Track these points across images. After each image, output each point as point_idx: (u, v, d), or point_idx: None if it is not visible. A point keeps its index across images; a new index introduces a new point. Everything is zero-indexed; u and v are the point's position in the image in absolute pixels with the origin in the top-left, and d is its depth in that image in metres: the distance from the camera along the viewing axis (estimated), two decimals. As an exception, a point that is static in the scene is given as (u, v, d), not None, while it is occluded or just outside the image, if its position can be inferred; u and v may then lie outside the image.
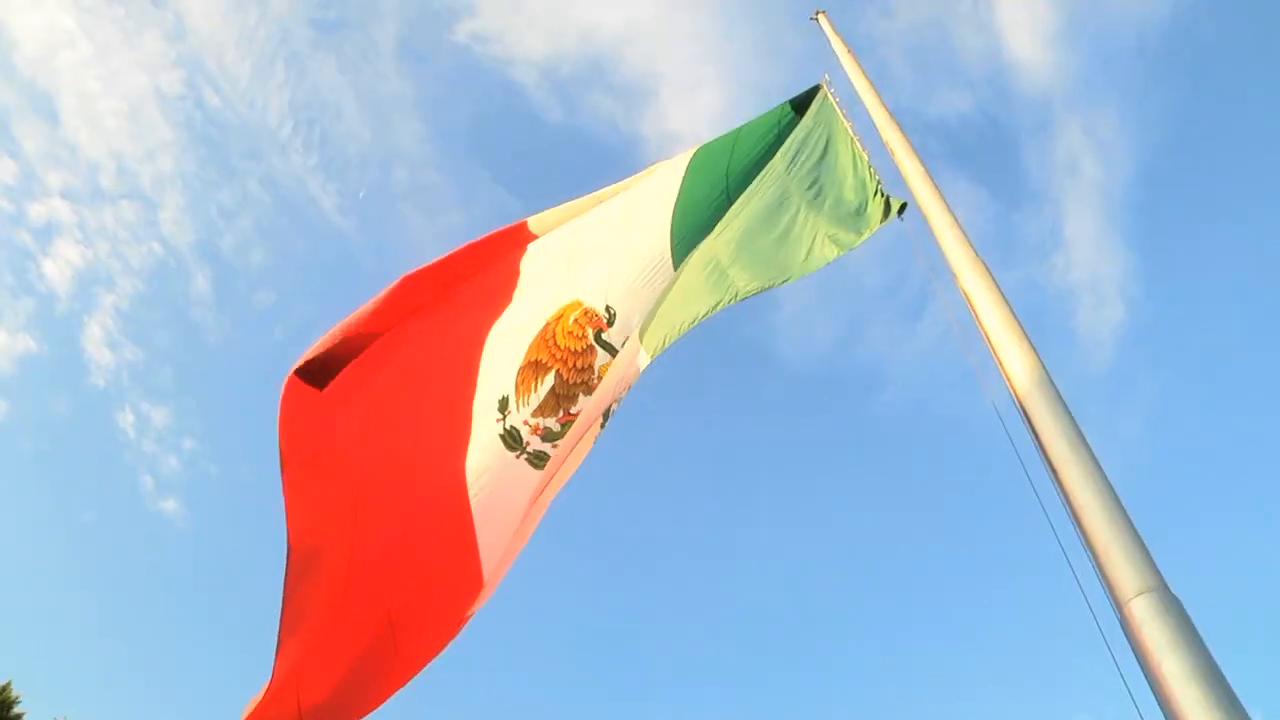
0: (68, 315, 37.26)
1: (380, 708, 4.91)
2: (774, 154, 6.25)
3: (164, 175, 37.80)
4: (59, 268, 36.30)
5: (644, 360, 5.18)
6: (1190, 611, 2.51)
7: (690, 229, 6.17)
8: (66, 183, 36.77)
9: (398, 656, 4.96)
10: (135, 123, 37.19)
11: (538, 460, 5.69)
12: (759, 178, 6.12)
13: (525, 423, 5.73)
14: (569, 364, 5.86)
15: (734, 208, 5.95)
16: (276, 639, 4.64)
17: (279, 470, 4.74)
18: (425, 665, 5.07)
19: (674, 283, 5.72)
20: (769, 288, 5.02)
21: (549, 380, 5.83)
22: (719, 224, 5.89)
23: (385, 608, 4.98)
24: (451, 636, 5.21)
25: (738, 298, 5.01)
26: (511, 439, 5.67)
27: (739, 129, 6.65)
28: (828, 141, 5.86)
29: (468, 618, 5.27)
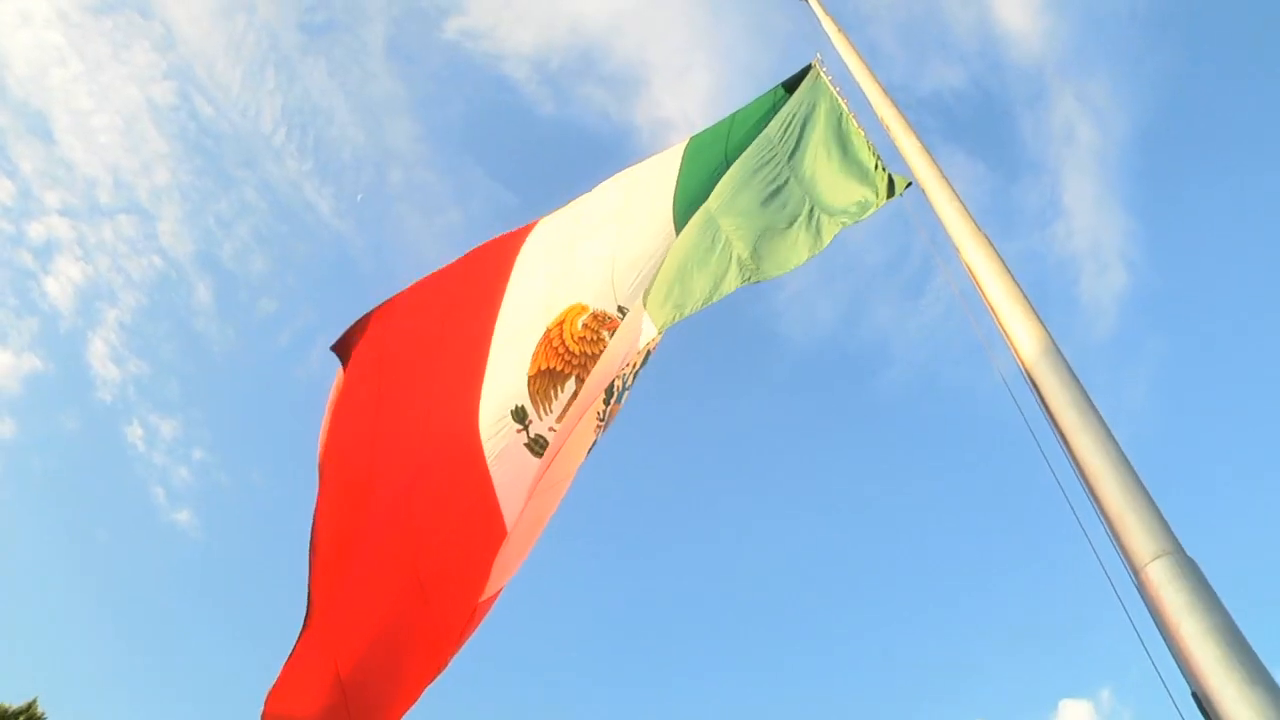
0: (72, 332, 37.38)
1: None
2: (769, 131, 6.23)
3: (161, 188, 37.84)
4: (61, 285, 36.39)
5: (650, 330, 5.14)
6: (1206, 573, 2.53)
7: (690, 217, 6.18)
8: (64, 200, 36.84)
9: (434, 640, 5.07)
10: (129, 136, 37.21)
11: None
12: (752, 150, 6.09)
13: (551, 429, 5.77)
14: (587, 368, 5.87)
15: (731, 180, 5.92)
16: (305, 615, 4.79)
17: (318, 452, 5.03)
18: (458, 646, 5.19)
19: (675, 247, 5.71)
20: (780, 274, 5.00)
21: (569, 387, 5.85)
22: (718, 193, 5.88)
23: (418, 594, 5.10)
24: (477, 616, 5.32)
25: (751, 280, 5.00)
26: (538, 445, 5.73)
27: (733, 115, 6.63)
28: (822, 118, 5.83)
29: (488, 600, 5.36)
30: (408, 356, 5.55)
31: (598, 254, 6.07)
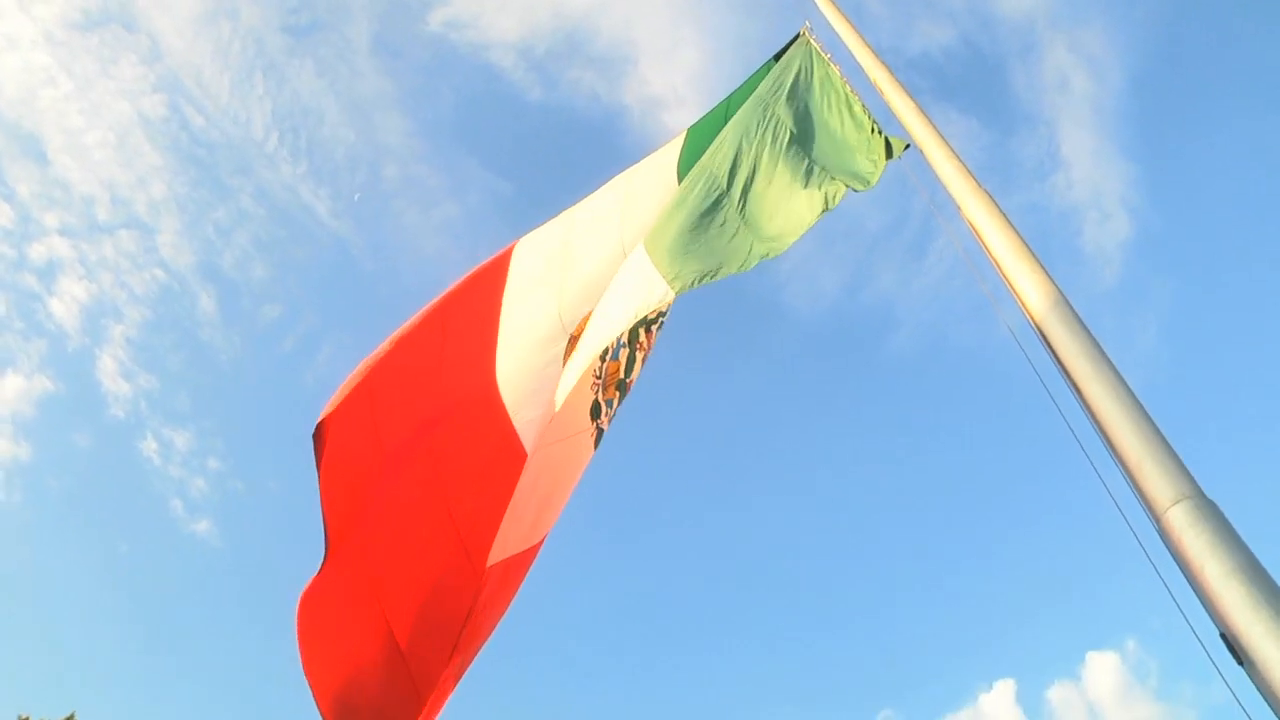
0: (80, 351, 37.51)
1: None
2: (760, 92, 6.16)
3: (157, 201, 37.84)
4: (66, 305, 36.51)
5: (660, 286, 5.08)
6: (1228, 516, 2.52)
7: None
8: (63, 220, 36.88)
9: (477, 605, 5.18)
10: (123, 152, 37.19)
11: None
12: (749, 114, 6.01)
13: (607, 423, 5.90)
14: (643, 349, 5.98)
15: (732, 142, 5.86)
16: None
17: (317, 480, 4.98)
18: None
19: (679, 199, 5.68)
20: (794, 238, 4.98)
21: (636, 369, 5.98)
22: (720, 152, 5.85)
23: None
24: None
25: (771, 254, 4.98)
26: (598, 438, 5.86)
27: (728, 97, 6.54)
28: (816, 86, 5.79)
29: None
30: (400, 404, 5.49)
31: (606, 254, 6.00)
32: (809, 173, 5.13)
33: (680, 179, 6.03)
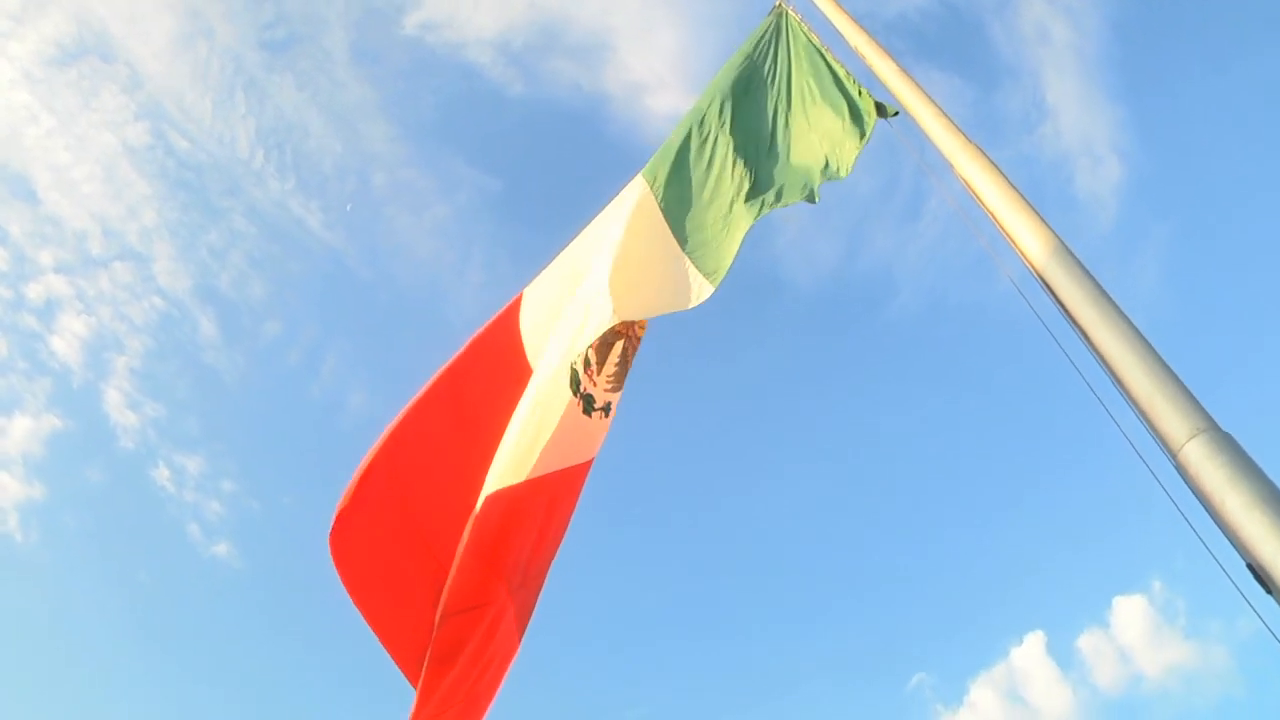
0: (85, 386, 37.53)
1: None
2: (747, 79, 6.12)
3: (150, 229, 37.80)
4: (67, 342, 36.53)
5: (694, 278, 5.09)
6: (1245, 447, 2.52)
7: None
8: (58, 257, 36.88)
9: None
10: (111, 184, 37.15)
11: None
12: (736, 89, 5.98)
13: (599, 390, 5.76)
14: (631, 332, 5.85)
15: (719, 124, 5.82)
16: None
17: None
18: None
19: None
20: (792, 203, 5.01)
21: (617, 349, 5.83)
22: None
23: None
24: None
25: (777, 204, 5.05)
26: (587, 403, 5.69)
27: (712, 84, 6.44)
28: (803, 57, 5.77)
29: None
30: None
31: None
32: (812, 150, 5.16)
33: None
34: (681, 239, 5.42)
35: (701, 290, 5.07)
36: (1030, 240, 3.27)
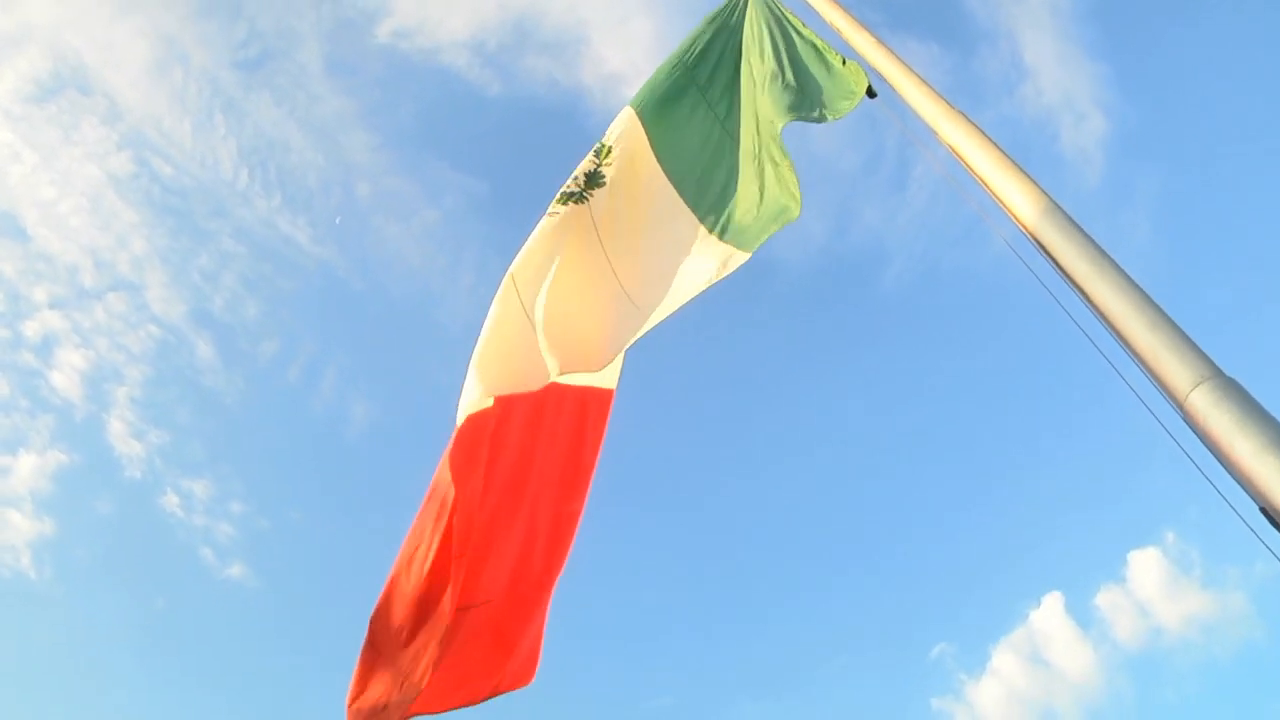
0: (87, 419, 37.54)
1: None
2: (729, 52, 6.05)
3: (140, 257, 37.80)
4: (66, 376, 36.54)
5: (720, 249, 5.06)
6: (1252, 392, 2.51)
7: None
8: (51, 293, 36.88)
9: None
10: (98, 215, 37.13)
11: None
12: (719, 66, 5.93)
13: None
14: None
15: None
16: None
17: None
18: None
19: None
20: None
21: None
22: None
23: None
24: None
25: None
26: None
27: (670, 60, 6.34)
28: (776, 34, 5.75)
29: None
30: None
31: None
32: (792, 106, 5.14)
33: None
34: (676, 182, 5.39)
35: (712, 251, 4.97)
36: (1021, 201, 3.27)
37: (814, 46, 5.39)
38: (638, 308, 5.13)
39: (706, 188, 5.44)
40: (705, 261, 5.19)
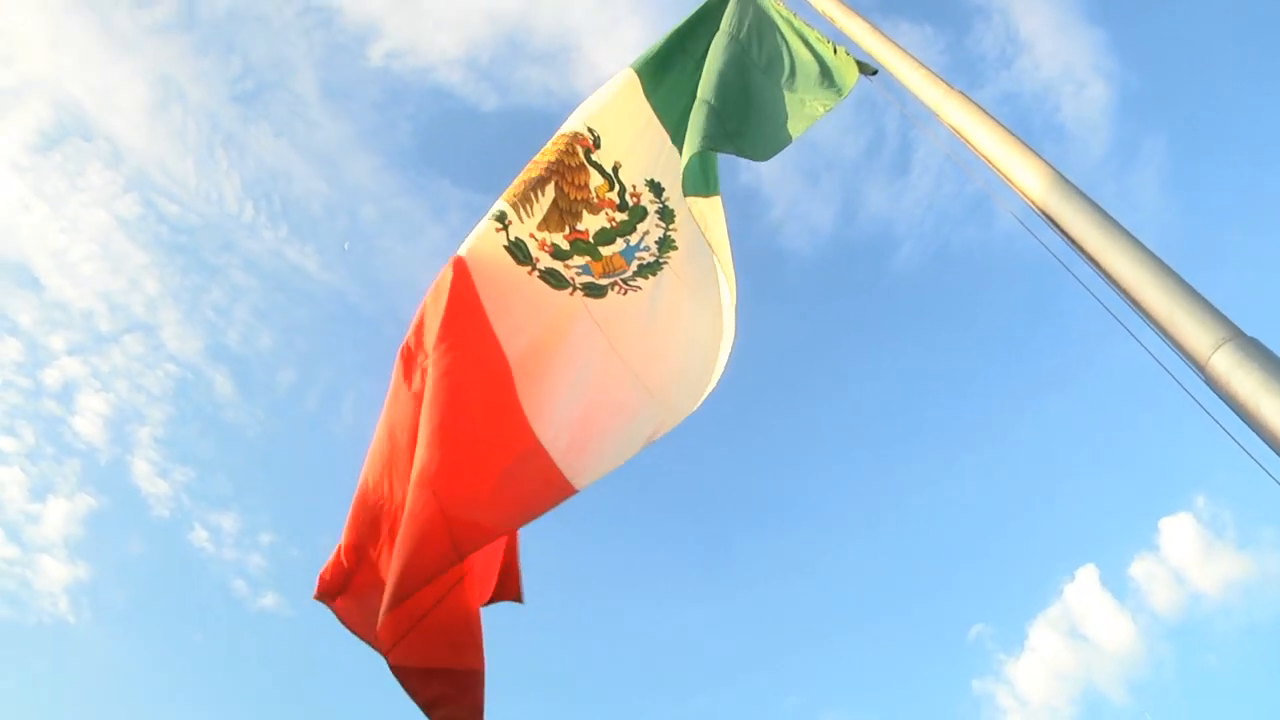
0: (112, 462, 37.94)
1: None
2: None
3: (153, 298, 38.20)
4: (89, 421, 36.93)
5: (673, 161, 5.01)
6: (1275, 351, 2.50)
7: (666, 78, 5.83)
8: (69, 340, 37.32)
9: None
10: (109, 259, 37.55)
11: (553, 279, 5.33)
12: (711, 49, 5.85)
13: (531, 235, 5.32)
14: (566, 178, 5.47)
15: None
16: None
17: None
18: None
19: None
20: (767, 158, 4.93)
21: (549, 192, 5.41)
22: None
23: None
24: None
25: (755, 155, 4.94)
26: (519, 251, 5.27)
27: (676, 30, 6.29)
28: (766, 25, 5.75)
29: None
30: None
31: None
32: (787, 105, 5.12)
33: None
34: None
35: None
36: (1027, 176, 3.27)
37: (806, 41, 5.39)
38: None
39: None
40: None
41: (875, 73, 4.87)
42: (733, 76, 5.31)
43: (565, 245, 5.40)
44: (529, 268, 5.27)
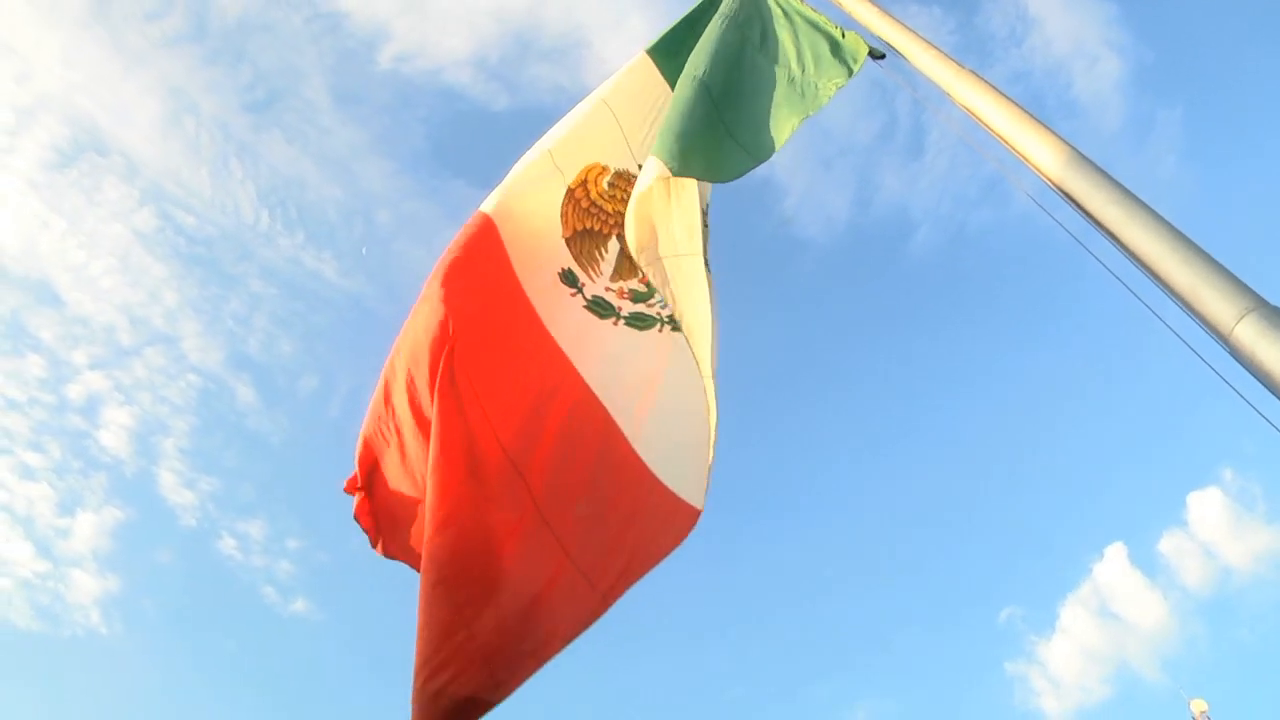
0: (139, 474, 38.36)
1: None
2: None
3: (173, 310, 38.60)
4: (114, 435, 37.34)
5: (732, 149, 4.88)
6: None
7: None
8: (91, 354, 37.74)
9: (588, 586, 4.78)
10: (128, 273, 37.91)
11: (639, 322, 5.50)
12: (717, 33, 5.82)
13: (607, 289, 5.49)
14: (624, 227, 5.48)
15: (710, 52, 5.63)
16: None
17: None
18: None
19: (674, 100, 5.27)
20: (779, 144, 4.81)
21: (613, 246, 5.57)
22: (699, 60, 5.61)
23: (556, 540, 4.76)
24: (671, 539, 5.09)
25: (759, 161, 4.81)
26: (600, 307, 5.44)
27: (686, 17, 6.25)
28: (776, 11, 5.72)
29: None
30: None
31: (598, 119, 5.66)
32: (795, 87, 5.08)
33: (670, 81, 5.69)
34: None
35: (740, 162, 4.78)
36: (1042, 154, 3.25)
37: (814, 25, 5.36)
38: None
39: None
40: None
41: (884, 56, 4.84)
42: (731, 59, 5.29)
43: (643, 288, 5.55)
44: (613, 319, 5.46)
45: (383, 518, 5.09)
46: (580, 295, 5.40)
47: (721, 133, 4.95)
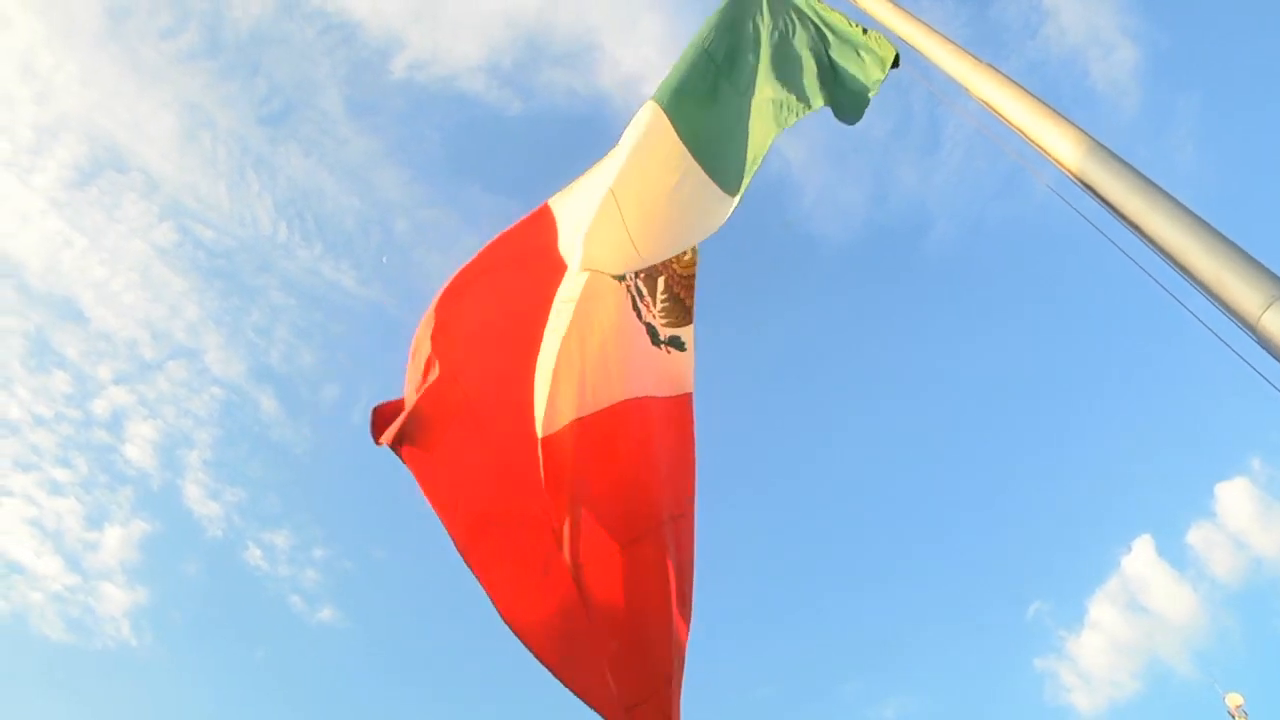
0: (164, 486, 38.72)
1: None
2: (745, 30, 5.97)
3: (194, 323, 38.95)
4: (139, 448, 37.69)
5: (716, 193, 5.07)
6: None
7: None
8: (115, 369, 38.13)
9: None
10: (149, 288, 38.30)
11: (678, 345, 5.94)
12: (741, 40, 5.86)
13: (657, 321, 5.89)
14: (670, 269, 5.96)
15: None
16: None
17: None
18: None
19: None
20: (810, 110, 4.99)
21: (661, 284, 5.93)
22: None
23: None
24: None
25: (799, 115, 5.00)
26: (652, 333, 5.83)
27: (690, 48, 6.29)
28: (798, 18, 5.71)
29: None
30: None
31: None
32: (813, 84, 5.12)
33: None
34: (703, 160, 5.32)
35: (724, 210, 5.00)
36: (1061, 145, 3.23)
37: (833, 29, 5.35)
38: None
39: (728, 159, 5.36)
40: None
41: (899, 64, 4.87)
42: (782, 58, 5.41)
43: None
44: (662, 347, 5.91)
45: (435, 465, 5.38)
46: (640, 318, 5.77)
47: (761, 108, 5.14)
